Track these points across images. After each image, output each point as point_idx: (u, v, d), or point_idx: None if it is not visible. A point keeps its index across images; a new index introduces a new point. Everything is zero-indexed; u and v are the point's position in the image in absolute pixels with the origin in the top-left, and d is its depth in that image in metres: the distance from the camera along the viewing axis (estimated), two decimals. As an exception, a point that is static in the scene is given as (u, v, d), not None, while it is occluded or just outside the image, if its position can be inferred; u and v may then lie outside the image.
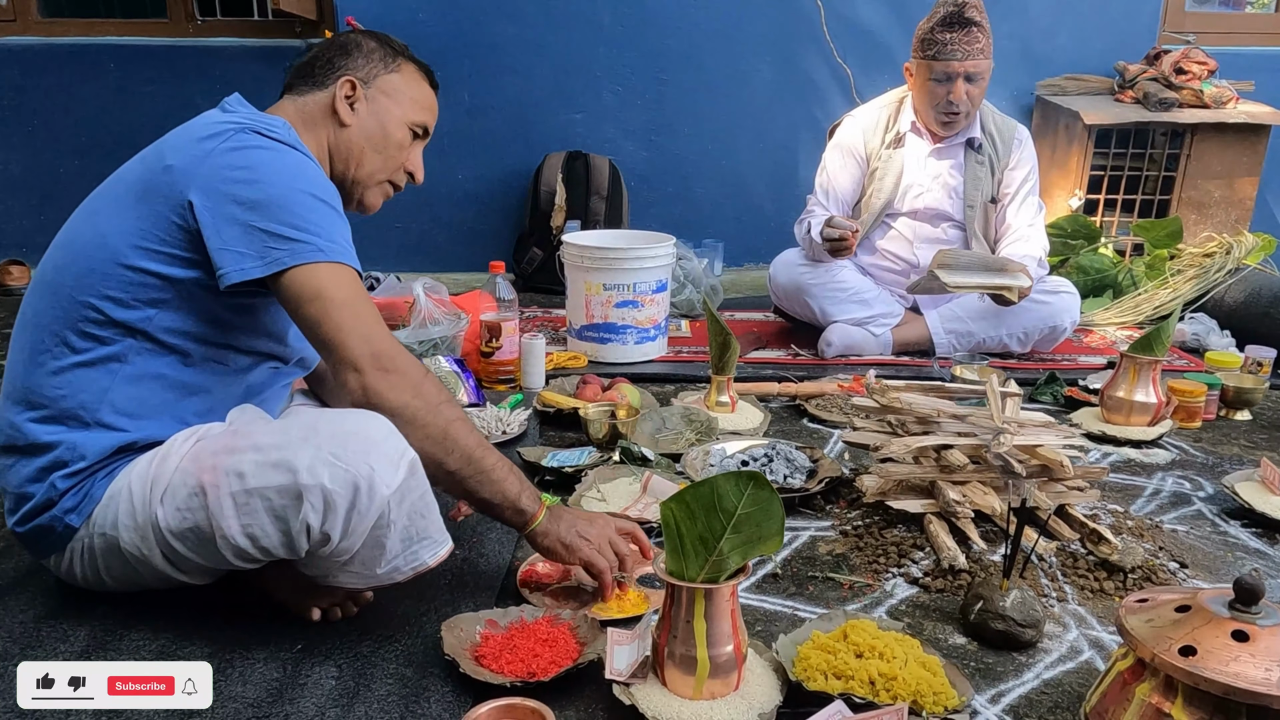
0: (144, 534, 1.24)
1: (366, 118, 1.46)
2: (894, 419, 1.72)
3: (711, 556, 1.11)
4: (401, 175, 1.53)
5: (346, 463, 1.16)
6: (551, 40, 3.73)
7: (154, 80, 3.75)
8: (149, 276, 1.26)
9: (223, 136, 1.27)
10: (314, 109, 1.45)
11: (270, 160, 1.27)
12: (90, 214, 1.32)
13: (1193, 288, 3.05)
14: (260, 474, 1.17)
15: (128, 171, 1.34)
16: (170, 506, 1.22)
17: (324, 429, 1.20)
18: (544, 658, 1.24)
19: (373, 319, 1.26)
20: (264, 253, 1.22)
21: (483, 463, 1.29)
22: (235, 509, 1.18)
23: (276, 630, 1.32)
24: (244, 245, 1.23)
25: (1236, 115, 3.41)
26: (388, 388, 1.23)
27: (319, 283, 1.23)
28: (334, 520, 1.16)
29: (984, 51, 2.51)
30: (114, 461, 1.29)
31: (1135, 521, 1.69)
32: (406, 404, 1.23)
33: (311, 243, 1.24)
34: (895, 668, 1.16)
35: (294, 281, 1.23)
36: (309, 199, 1.27)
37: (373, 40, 1.50)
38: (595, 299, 2.60)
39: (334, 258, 1.25)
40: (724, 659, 1.14)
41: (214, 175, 1.24)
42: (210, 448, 1.23)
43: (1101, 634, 1.38)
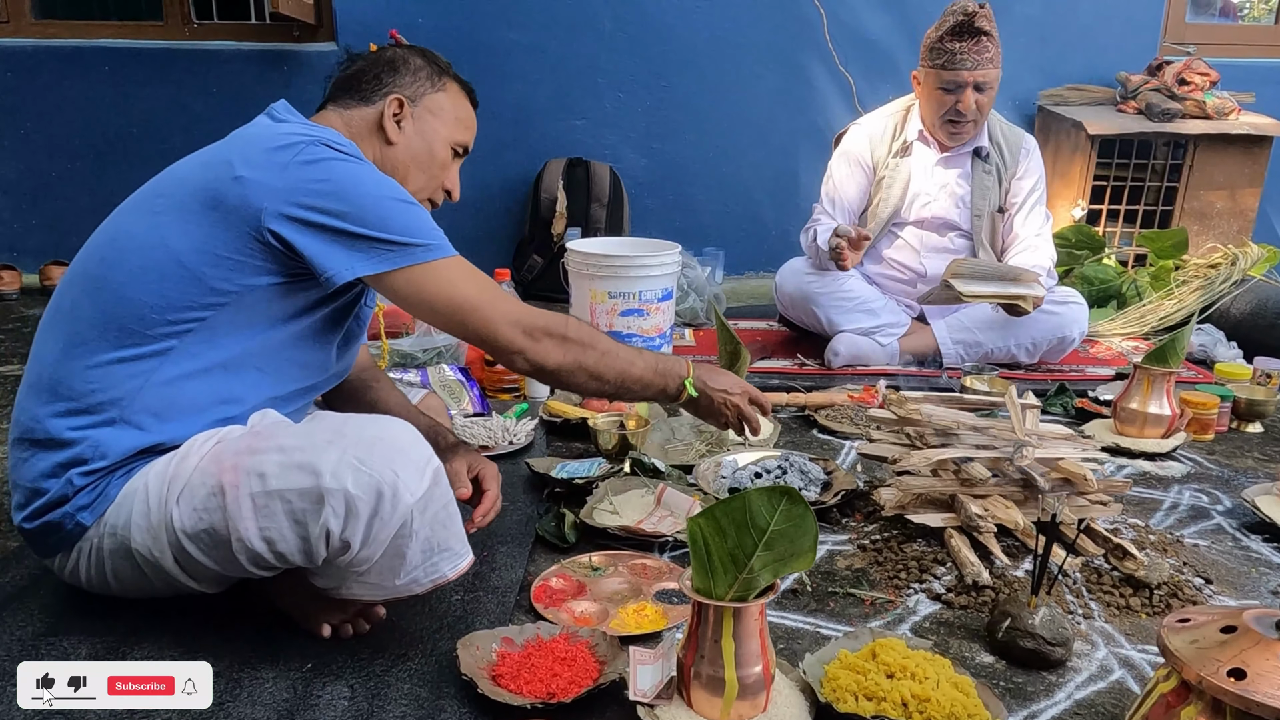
0: (157, 535, 1.21)
1: (413, 137, 1.47)
2: (912, 431, 1.69)
3: (741, 574, 1.08)
4: (440, 194, 1.55)
5: (371, 468, 1.13)
6: (552, 46, 3.70)
7: (149, 83, 3.70)
8: (209, 282, 1.25)
9: (296, 149, 1.26)
10: (360, 124, 1.45)
11: (351, 171, 1.28)
12: (149, 212, 1.29)
13: (1198, 299, 3.04)
14: (282, 475, 1.14)
15: (189, 175, 1.31)
16: (187, 506, 1.18)
17: (350, 433, 1.18)
18: (563, 677, 1.20)
19: (501, 297, 1.35)
20: (370, 253, 1.26)
21: (629, 377, 1.45)
22: (254, 511, 1.15)
23: (285, 647, 1.28)
24: (345, 249, 1.25)
25: (1239, 126, 3.41)
26: (543, 354, 1.36)
27: (448, 284, 1.30)
28: (355, 527, 1.14)
29: (993, 61, 2.50)
30: (134, 462, 1.25)
31: (1157, 536, 1.67)
32: (560, 361, 1.37)
33: (419, 243, 1.28)
34: (928, 689, 1.13)
35: (417, 283, 1.29)
36: (398, 204, 1.29)
37: (419, 58, 1.50)
38: (600, 307, 2.56)
39: (444, 253, 1.31)
40: (752, 680, 1.11)
41: (296, 189, 1.24)
42: (232, 448, 1.20)
43: (1131, 652, 1.35)
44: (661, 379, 1.50)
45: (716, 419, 1.61)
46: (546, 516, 1.68)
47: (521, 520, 1.69)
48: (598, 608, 1.42)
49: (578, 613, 1.41)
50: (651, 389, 1.50)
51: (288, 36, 3.74)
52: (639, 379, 1.47)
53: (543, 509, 1.75)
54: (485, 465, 1.60)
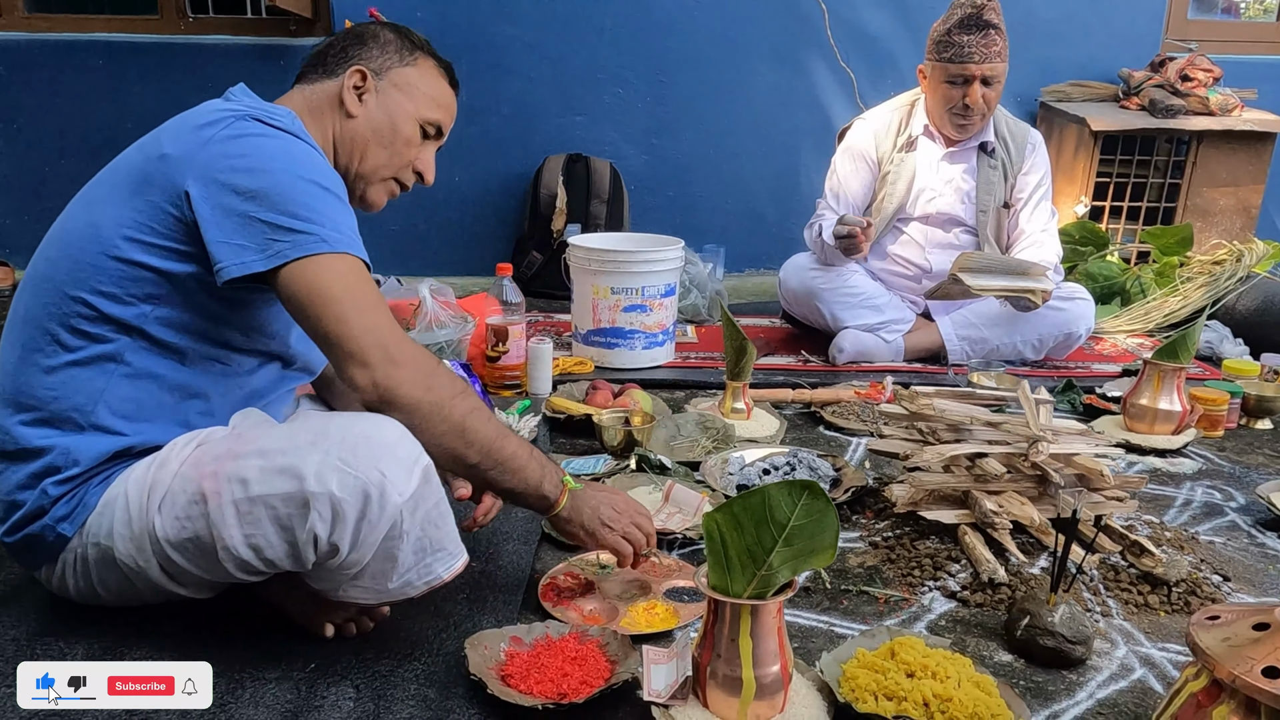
0: (140, 544, 1.17)
1: (375, 110, 1.38)
2: (925, 426, 1.66)
3: (760, 571, 1.05)
4: (409, 174, 1.45)
5: (357, 469, 1.09)
6: (551, 42, 3.67)
7: (144, 78, 3.65)
8: (144, 270, 1.19)
9: (221, 124, 1.19)
10: (321, 98, 1.38)
11: (271, 148, 1.20)
12: (86, 204, 1.25)
13: (1203, 295, 3.02)
14: (265, 480, 1.10)
15: (124, 160, 1.26)
16: (169, 515, 1.14)
17: (333, 433, 1.13)
18: (574, 677, 1.17)
19: (379, 310, 1.18)
20: (265, 245, 1.14)
21: (502, 452, 1.23)
22: (238, 518, 1.11)
23: (287, 648, 1.25)
24: (243, 237, 1.15)
25: (1243, 123, 3.39)
26: (398, 382, 1.15)
27: (320, 275, 1.15)
28: (343, 530, 1.10)
29: (1001, 55, 2.47)
30: (110, 467, 1.21)
31: (1173, 533, 1.64)
32: (419, 399, 1.16)
33: (315, 233, 1.16)
34: (950, 688, 1.10)
35: (295, 275, 1.15)
36: (312, 187, 1.19)
37: (391, 31, 1.43)
38: (602, 303, 2.53)
39: (338, 248, 1.17)
40: (770, 679, 1.08)
41: (211, 164, 1.16)
42: (212, 452, 1.16)
43: (1151, 650, 1.32)
44: (540, 469, 1.27)
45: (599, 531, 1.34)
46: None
47: (526, 517, 1.66)
48: (607, 606, 1.39)
49: (586, 611, 1.38)
50: (523, 475, 1.25)
51: (284, 30, 3.70)
52: (513, 456, 1.24)
53: (548, 506, 1.72)
54: None
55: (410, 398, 1.16)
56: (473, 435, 1.20)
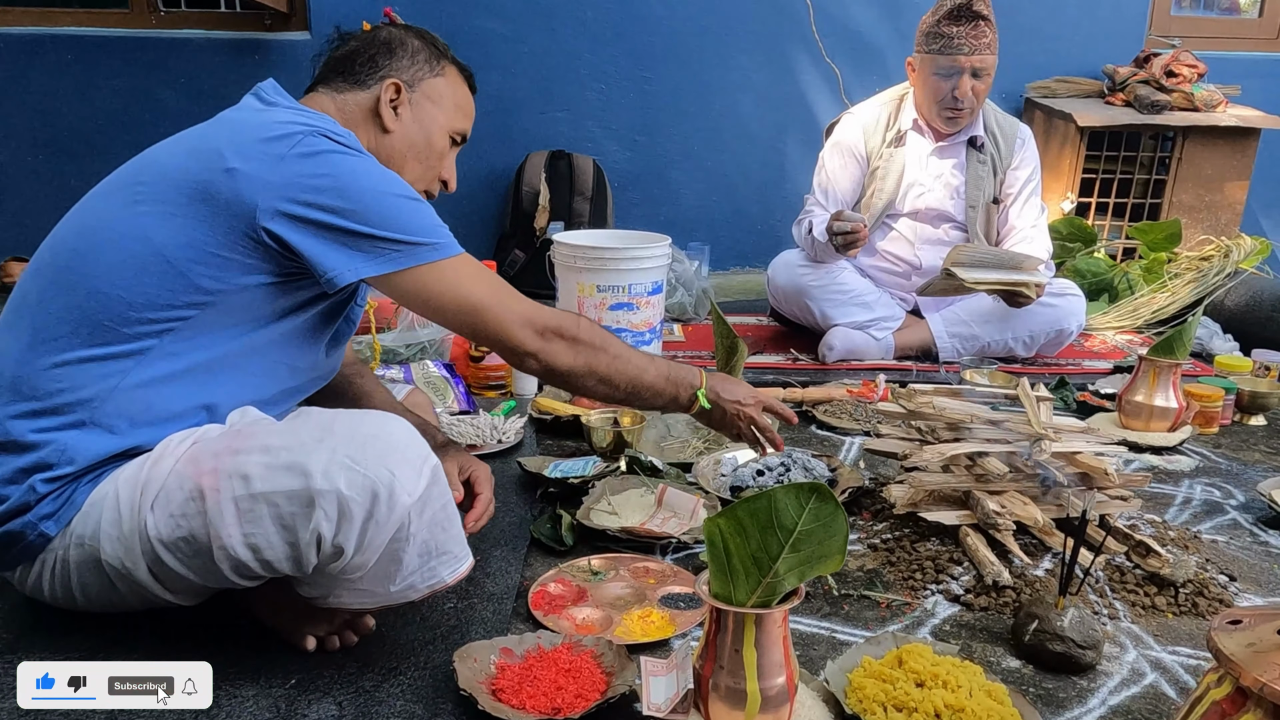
0: (129, 544, 1.11)
1: (410, 124, 1.39)
2: (923, 425, 1.62)
3: (765, 578, 1.00)
4: (437, 184, 1.46)
5: (365, 467, 1.05)
6: (533, 37, 3.61)
7: (114, 74, 3.56)
8: (195, 279, 1.16)
9: (292, 140, 1.18)
10: (355, 110, 1.37)
11: (352, 165, 1.20)
12: (128, 201, 1.19)
13: (1191, 292, 3.00)
14: (268, 477, 1.05)
15: (173, 163, 1.20)
16: (163, 513, 1.09)
17: (340, 430, 1.09)
18: (569, 690, 1.12)
19: (511, 296, 1.29)
20: (374, 254, 1.19)
21: (641, 383, 1.41)
22: (238, 515, 1.06)
23: (267, 662, 1.19)
24: (347, 249, 1.18)
25: (1228, 118, 3.38)
26: (555, 356, 1.31)
27: (455, 285, 1.24)
28: (349, 531, 1.05)
29: (990, 47, 2.44)
30: (103, 468, 1.15)
31: (1176, 532, 1.61)
32: (572, 365, 1.33)
33: (425, 242, 1.22)
34: (962, 698, 1.06)
35: (421, 283, 1.23)
36: (402, 200, 1.22)
37: (417, 39, 1.41)
38: (588, 301, 2.48)
39: (452, 252, 1.24)
40: (775, 691, 1.03)
41: (293, 184, 1.16)
42: (211, 448, 1.11)
43: (1162, 654, 1.28)
44: (673, 387, 1.46)
45: (729, 430, 1.58)
46: (541, 518, 1.60)
47: (515, 523, 1.60)
48: (600, 614, 1.34)
49: (579, 620, 1.32)
50: (663, 397, 1.46)
51: (259, 25, 3.63)
52: (650, 386, 1.42)
53: (536, 510, 1.66)
54: (477, 466, 1.51)
55: (564, 364, 1.32)
56: (617, 377, 1.37)
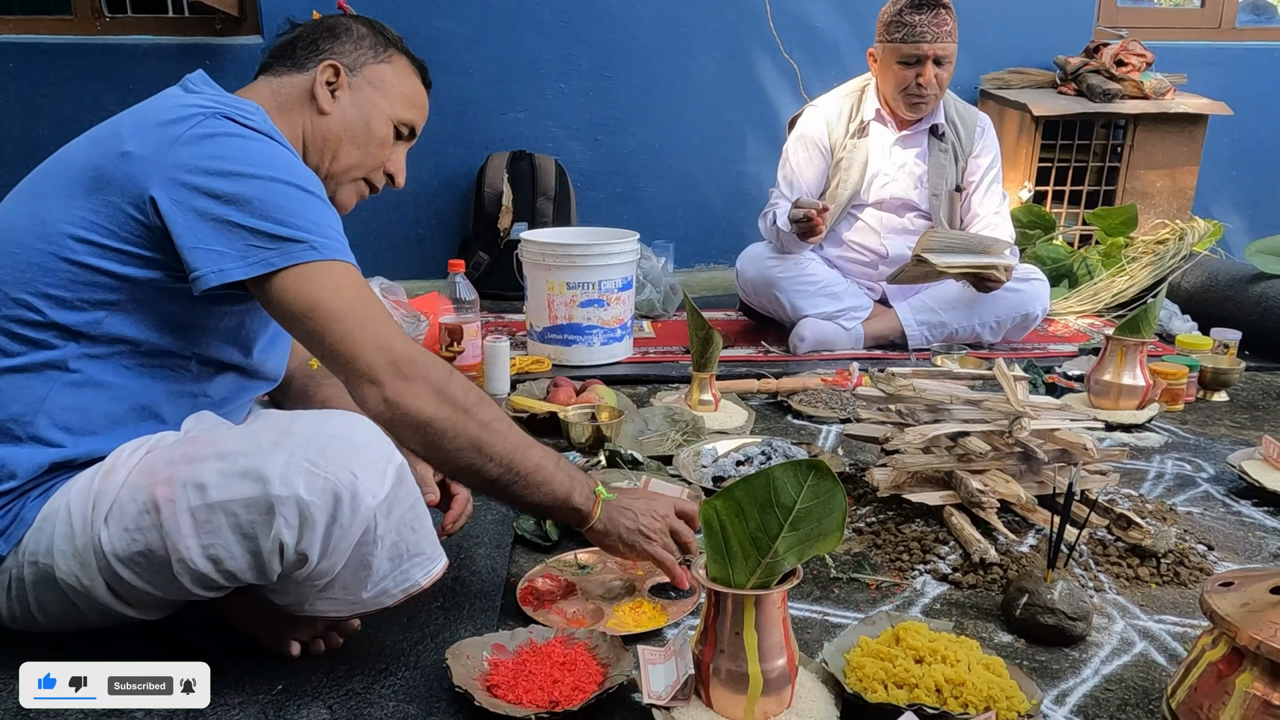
0: (84, 560, 1.07)
1: (348, 107, 1.31)
2: (904, 408, 1.63)
3: (765, 559, 0.99)
4: (380, 175, 1.38)
5: (326, 470, 1.01)
6: (490, 36, 3.58)
7: (59, 81, 3.46)
8: (99, 275, 1.10)
9: (190, 121, 1.11)
10: (291, 93, 1.30)
11: (246, 149, 1.11)
12: (31, 198, 1.14)
13: (1149, 275, 3.06)
14: (224, 485, 1.01)
15: (75, 154, 1.15)
16: (117, 527, 1.05)
17: (299, 432, 1.05)
18: (565, 683, 1.10)
19: (383, 321, 1.11)
20: (246, 252, 1.07)
21: (525, 464, 1.16)
22: (195, 527, 1.01)
23: (250, 669, 1.15)
24: (222, 244, 1.07)
25: (1179, 105, 3.46)
26: (411, 397, 1.08)
27: (316, 287, 1.08)
28: (311, 537, 1.01)
29: (952, 35, 2.47)
30: (49, 480, 1.11)
31: (1154, 505, 1.63)
32: (432, 414, 1.09)
33: (304, 240, 1.09)
34: (962, 672, 1.06)
35: (286, 286, 1.08)
36: (294, 190, 1.11)
37: (364, 26, 1.35)
38: (558, 299, 2.46)
39: (329, 255, 1.10)
40: (777, 673, 1.02)
41: (181, 166, 1.08)
42: (165, 458, 1.06)
43: (1149, 624, 1.30)
44: (568, 479, 1.21)
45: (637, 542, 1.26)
46: (523, 515, 1.58)
47: (497, 520, 1.58)
48: (591, 607, 1.32)
49: (570, 614, 1.30)
50: (550, 487, 1.18)
51: (209, 30, 3.55)
52: (537, 468, 1.17)
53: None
54: None
55: (423, 413, 1.09)
56: (491, 448, 1.13)
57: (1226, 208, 3.99)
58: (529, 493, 1.18)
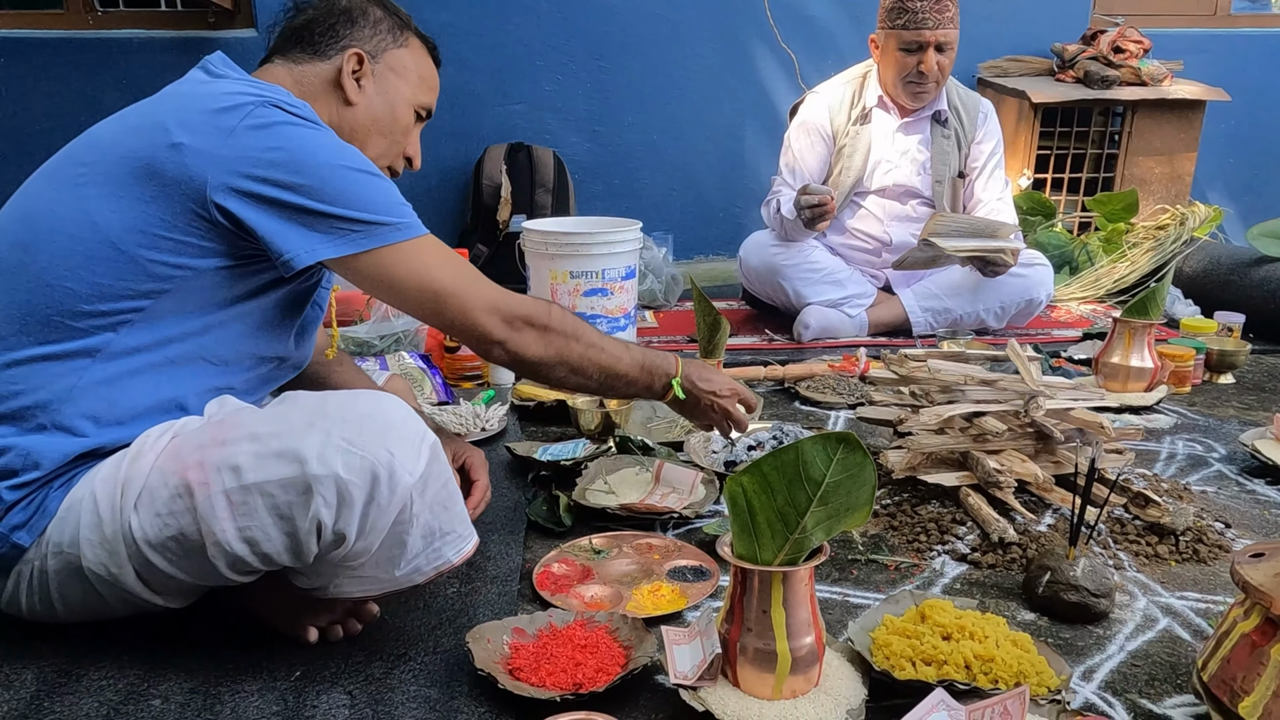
0: (113, 549, 1.05)
1: (374, 96, 1.31)
2: (917, 389, 1.61)
3: (793, 534, 0.98)
4: (401, 161, 1.39)
5: (363, 449, 1.01)
6: (486, 28, 3.56)
7: (52, 77, 3.43)
8: (149, 264, 1.09)
9: (242, 111, 1.10)
10: (315, 81, 1.29)
11: (304, 138, 1.12)
12: (67, 185, 1.12)
13: (1150, 260, 3.06)
14: (260, 466, 1.00)
15: (115, 141, 1.13)
16: (147, 513, 1.03)
17: (332, 412, 1.04)
18: (588, 666, 1.08)
19: (478, 281, 1.21)
20: (331, 234, 1.11)
21: (614, 373, 1.32)
22: (230, 509, 1.00)
23: (268, 655, 1.14)
24: (304, 229, 1.11)
25: (1178, 91, 3.46)
26: (526, 345, 1.23)
27: (420, 266, 1.16)
28: (349, 516, 1.00)
29: (953, 20, 2.46)
30: (73, 469, 1.09)
31: (1169, 484, 1.62)
32: (542, 355, 1.24)
33: (387, 223, 1.14)
34: (990, 648, 1.05)
35: (383, 266, 1.15)
36: (362, 176, 1.14)
37: (379, 8, 1.34)
38: (562, 288, 2.44)
39: (415, 233, 1.16)
40: (805, 651, 1.01)
41: (244, 159, 1.08)
42: (194, 441, 1.05)
43: (1171, 600, 1.29)
44: (648, 376, 1.37)
45: (700, 419, 1.48)
46: (536, 501, 1.56)
47: (510, 507, 1.56)
48: (609, 591, 1.30)
49: (588, 597, 1.29)
50: (636, 386, 1.37)
51: (203, 23, 3.52)
52: (624, 375, 1.34)
53: (530, 494, 1.63)
54: (471, 452, 1.47)
55: (535, 355, 1.24)
56: (590, 368, 1.29)
57: (1223, 193, 4.00)
58: (620, 391, 1.38)
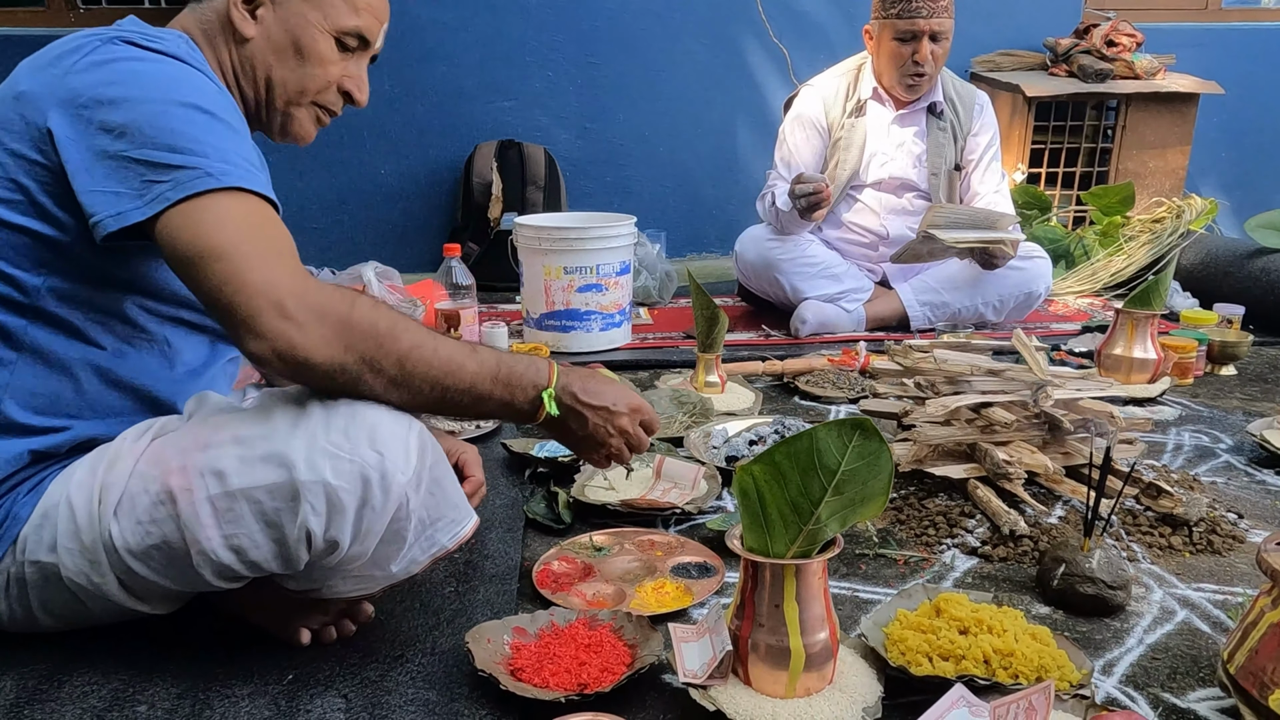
0: (94, 557, 1.00)
1: (273, 28, 1.15)
2: (922, 381, 1.58)
3: (807, 526, 0.94)
4: (333, 95, 1.21)
5: (351, 452, 0.95)
6: (476, 24, 3.52)
7: (33, 74, 3.37)
8: (23, 235, 1.01)
9: (83, 50, 1.00)
10: (213, 21, 1.14)
11: (142, 71, 1.00)
12: None
13: (1146, 253, 3.04)
14: (245, 471, 0.95)
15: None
16: (128, 520, 0.98)
17: (315, 413, 0.97)
18: (593, 665, 1.05)
19: (275, 260, 0.95)
20: (143, 189, 0.95)
21: (458, 384, 1.02)
22: (215, 516, 0.95)
23: (258, 658, 1.09)
24: (118, 182, 0.95)
25: (1172, 84, 3.44)
26: (302, 345, 0.93)
27: (204, 222, 0.93)
28: (341, 523, 0.96)
29: (948, 10, 2.43)
30: (37, 472, 1.04)
31: (1179, 475, 1.60)
32: (333, 359, 0.95)
33: (197, 165, 0.95)
34: (1009, 642, 1.01)
35: (176, 222, 0.94)
36: (191, 112, 0.98)
37: None
38: (555, 284, 2.40)
39: (227, 182, 0.95)
40: (819, 648, 0.97)
41: (73, 96, 0.98)
42: (175, 444, 1.00)
43: (1188, 592, 1.26)
44: (505, 389, 1.05)
45: (586, 445, 1.16)
46: (534, 498, 1.52)
47: (507, 504, 1.52)
48: (612, 589, 1.26)
49: (590, 595, 1.25)
50: (490, 402, 1.05)
51: (187, 20, 3.47)
52: (469, 389, 1.03)
53: (528, 491, 1.58)
54: (464, 449, 1.37)
55: (325, 359, 0.94)
56: (416, 380, 0.99)
57: (1216, 186, 3.98)
58: (466, 409, 1.05)
